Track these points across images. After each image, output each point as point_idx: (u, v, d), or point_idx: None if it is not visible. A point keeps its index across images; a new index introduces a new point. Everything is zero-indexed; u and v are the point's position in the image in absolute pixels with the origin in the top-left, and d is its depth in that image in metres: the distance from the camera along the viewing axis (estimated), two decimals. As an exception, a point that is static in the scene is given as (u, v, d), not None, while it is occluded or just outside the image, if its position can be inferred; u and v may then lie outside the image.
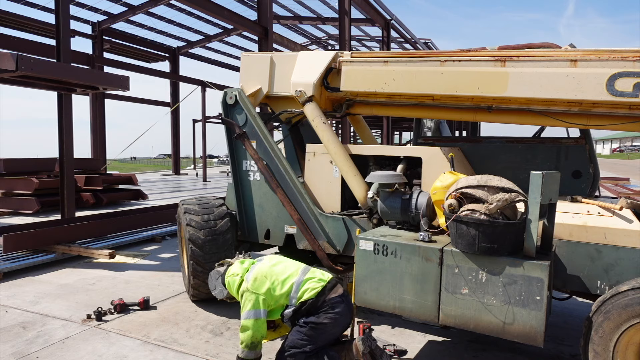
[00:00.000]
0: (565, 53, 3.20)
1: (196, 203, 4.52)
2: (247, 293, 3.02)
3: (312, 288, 2.94)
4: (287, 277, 3.02)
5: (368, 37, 23.18)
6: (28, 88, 6.96)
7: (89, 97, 17.87)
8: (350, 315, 3.07)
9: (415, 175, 3.95)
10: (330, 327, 2.91)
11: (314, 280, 2.98)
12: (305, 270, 3.07)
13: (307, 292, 2.94)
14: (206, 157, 23.16)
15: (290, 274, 3.04)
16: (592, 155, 3.76)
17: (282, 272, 3.05)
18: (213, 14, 11.72)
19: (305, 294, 2.93)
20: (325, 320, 2.88)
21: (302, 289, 2.95)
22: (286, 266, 3.11)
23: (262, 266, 3.11)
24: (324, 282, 2.98)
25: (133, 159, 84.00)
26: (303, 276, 3.01)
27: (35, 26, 15.71)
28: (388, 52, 5.94)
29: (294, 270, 3.06)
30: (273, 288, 2.98)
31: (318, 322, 2.87)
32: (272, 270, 3.07)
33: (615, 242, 2.86)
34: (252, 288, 3.00)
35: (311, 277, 3.01)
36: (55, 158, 11.11)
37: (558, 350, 3.59)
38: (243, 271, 3.15)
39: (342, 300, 2.96)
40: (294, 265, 3.13)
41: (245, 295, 3.03)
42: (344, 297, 3.00)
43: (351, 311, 3.07)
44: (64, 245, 6.49)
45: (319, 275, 3.03)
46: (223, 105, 4.57)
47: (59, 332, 3.90)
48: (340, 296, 2.97)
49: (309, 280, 2.98)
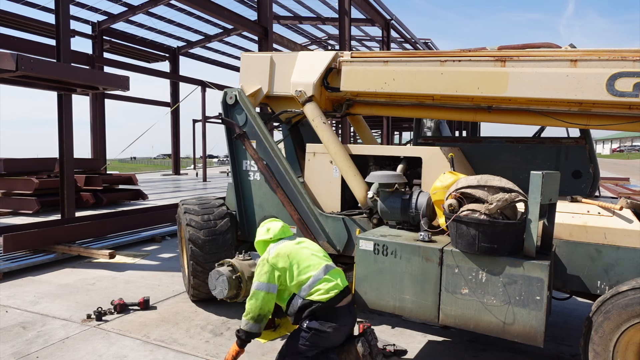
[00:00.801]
0: (565, 53, 3.20)
1: (196, 203, 4.52)
2: (265, 264, 2.97)
3: (326, 291, 2.88)
4: (308, 266, 2.95)
5: (368, 37, 23.18)
6: (28, 88, 6.96)
7: (89, 97, 17.88)
8: (353, 323, 3.04)
9: (415, 175, 3.95)
10: (333, 336, 2.89)
11: (331, 284, 2.91)
12: (327, 268, 2.98)
13: (319, 293, 2.88)
14: (206, 157, 23.16)
15: (312, 264, 2.96)
16: (592, 155, 3.76)
17: (306, 259, 2.97)
18: (213, 14, 11.73)
19: (316, 293, 2.88)
20: (329, 329, 2.84)
21: (316, 286, 2.89)
22: (311, 254, 3.04)
23: (288, 244, 3.06)
24: (339, 289, 2.92)
25: (133, 159, 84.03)
26: (323, 274, 2.93)
27: (35, 26, 15.71)
28: (388, 52, 5.94)
29: (317, 263, 2.98)
30: (291, 270, 2.93)
31: (322, 330, 2.84)
32: (297, 251, 3.00)
33: (615, 242, 2.86)
34: (272, 260, 2.95)
35: (330, 279, 2.93)
36: (55, 158, 11.11)
37: (558, 350, 3.59)
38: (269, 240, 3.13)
39: (349, 311, 2.96)
40: (318, 257, 3.05)
41: (262, 264, 2.98)
42: (351, 307, 2.99)
43: (354, 319, 3.04)
44: (64, 245, 6.49)
45: (337, 280, 2.95)
46: (223, 105, 4.57)
47: (59, 332, 3.90)
48: (348, 306, 2.95)
49: (326, 281, 2.92)
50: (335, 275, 2.98)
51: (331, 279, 2.94)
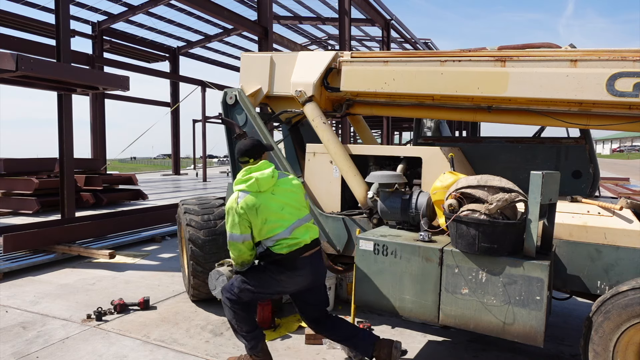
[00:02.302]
0: (565, 53, 3.20)
1: (196, 203, 4.52)
2: (235, 215, 2.89)
3: (287, 246, 2.90)
4: (274, 223, 2.89)
5: (368, 37, 23.17)
6: (28, 88, 6.96)
7: (89, 97, 17.88)
8: (315, 274, 3.03)
9: (415, 175, 3.95)
10: (285, 283, 2.95)
11: (293, 241, 2.91)
12: (293, 228, 2.93)
13: (280, 247, 2.90)
14: (206, 157, 23.16)
15: (281, 222, 2.90)
16: (592, 155, 3.76)
17: (274, 215, 2.89)
18: (213, 14, 11.72)
19: (277, 247, 2.90)
20: (283, 277, 2.92)
21: (279, 242, 2.91)
22: (282, 207, 2.93)
23: (258, 195, 2.92)
24: (300, 245, 2.92)
25: (133, 159, 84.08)
26: (288, 234, 2.91)
27: (35, 26, 15.70)
28: (388, 52, 5.94)
29: (286, 222, 2.91)
30: (257, 224, 2.89)
31: (275, 276, 2.92)
32: (267, 205, 2.89)
33: (615, 242, 2.86)
34: (240, 212, 2.88)
35: (294, 237, 2.92)
36: (55, 158, 11.11)
37: (558, 350, 3.59)
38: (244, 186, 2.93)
39: (311, 262, 2.96)
40: (288, 214, 2.94)
41: (232, 214, 2.90)
42: (314, 258, 2.99)
43: (318, 270, 3.05)
44: (64, 245, 6.48)
45: (302, 238, 2.94)
46: (223, 105, 4.57)
47: (59, 332, 3.90)
48: (311, 257, 2.96)
49: (290, 239, 2.91)
50: (301, 233, 2.96)
51: (295, 237, 2.93)
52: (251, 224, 2.91)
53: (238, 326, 3.03)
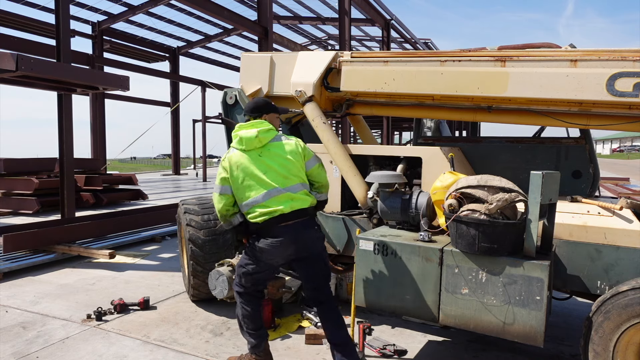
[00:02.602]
0: (565, 53, 3.20)
1: (196, 203, 4.52)
2: (220, 167, 3.00)
3: (259, 214, 2.83)
4: (251, 186, 2.85)
5: (368, 37, 23.17)
6: (28, 88, 6.96)
7: (89, 97, 17.88)
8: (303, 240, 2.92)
9: (415, 175, 3.95)
10: (267, 254, 2.88)
11: (266, 209, 2.82)
12: (270, 195, 2.83)
13: (253, 215, 2.86)
14: (206, 157, 23.16)
15: (258, 185, 2.84)
16: (592, 155, 3.75)
17: (254, 175, 2.85)
18: (213, 14, 11.73)
19: (251, 214, 2.87)
20: (263, 245, 2.87)
21: (253, 210, 2.85)
22: (264, 172, 2.86)
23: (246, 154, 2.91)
24: (274, 214, 2.81)
25: (133, 159, 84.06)
26: (261, 200, 2.83)
27: (35, 26, 15.70)
28: (388, 52, 5.94)
29: (264, 187, 2.84)
30: (236, 182, 2.89)
31: (257, 243, 2.89)
32: (249, 166, 2.86)
33: (615, 242, 2.86)
34: (224, 164, 2.94)
35: (267, 205, 2.83)
36: (55, 158, 11.10)
37: (558, 350, 3.59)
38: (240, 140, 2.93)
39: (292, 230, 2.85)
40: (269, 179, 2.86)
41: (220, 165, 3.00)
42: (296, 227, 2.86)
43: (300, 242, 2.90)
44: (64, 245, 6.48)
45: (277, 207, 2.82)
46: (223, 105, 4.57)
47: (59, 332, 3.90)
48: (292, 226, 2.84)
49: (263, 207, 2.83)
50: (278, 202, 2.83)
51: (268, 205, 2.82)
52: (230, 179, 2.92)
53: (245, 323, 3.05)
